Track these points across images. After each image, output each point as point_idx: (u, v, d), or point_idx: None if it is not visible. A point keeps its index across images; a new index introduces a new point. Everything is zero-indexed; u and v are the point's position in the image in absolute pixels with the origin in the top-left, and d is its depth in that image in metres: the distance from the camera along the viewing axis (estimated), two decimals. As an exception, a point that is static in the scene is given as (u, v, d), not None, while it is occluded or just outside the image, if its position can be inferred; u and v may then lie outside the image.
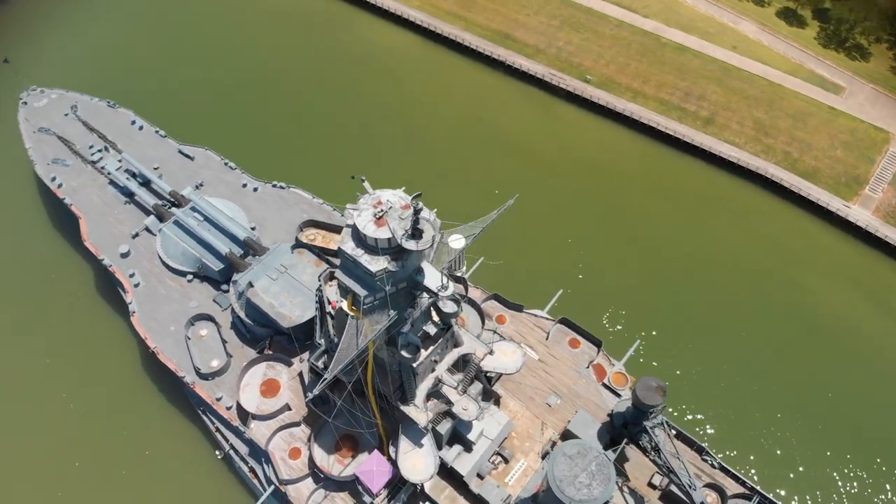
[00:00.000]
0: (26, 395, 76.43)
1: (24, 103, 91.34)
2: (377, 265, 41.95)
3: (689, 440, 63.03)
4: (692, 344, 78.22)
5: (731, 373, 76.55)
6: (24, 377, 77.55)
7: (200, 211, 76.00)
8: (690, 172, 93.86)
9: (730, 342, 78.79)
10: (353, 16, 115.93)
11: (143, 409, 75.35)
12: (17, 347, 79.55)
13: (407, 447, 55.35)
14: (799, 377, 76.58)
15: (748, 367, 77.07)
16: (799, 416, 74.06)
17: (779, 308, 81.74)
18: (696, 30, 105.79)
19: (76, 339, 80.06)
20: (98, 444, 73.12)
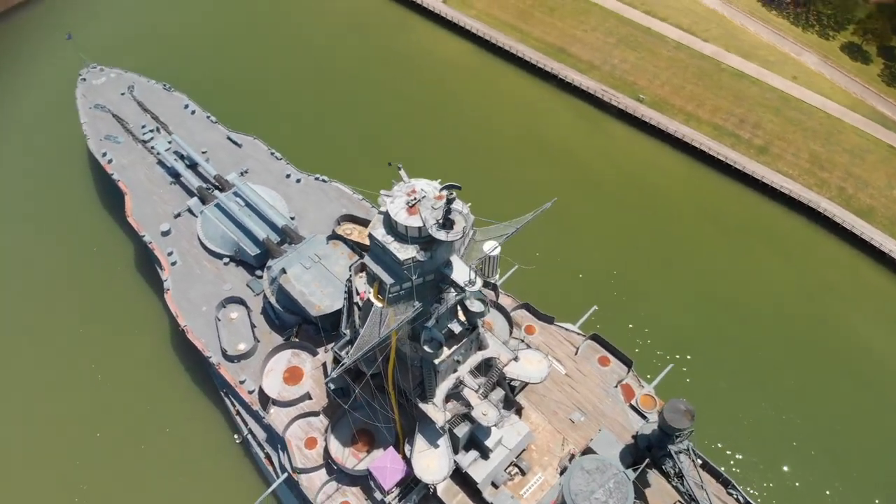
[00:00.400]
0: (56, 361, 77.99)
1: (83, 79, 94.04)
2: (405, 253, 41.43)
3: (715, 471, 60.60)
4: (727, 374, 75.67)
5: (766, 408, 73.75)
6: (56, 344, 79.20)
7: (243, 196, 76.80)
8: (739, 199, 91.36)
9: (767, 377, 75.96)
10: (411, 20, 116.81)
11: (167, 387, 76.11)
12: (53, 314, 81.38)
13: (422, 446, 54.40)
14: (837, 421, 73.30)
15: (784, 404, 74.14)
16: (834, 462, 70.78)
17: (821, 347, 78.58)
18: (757, 57, 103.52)
19: (110, 312, 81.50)
20: (120, 417, 74.02)
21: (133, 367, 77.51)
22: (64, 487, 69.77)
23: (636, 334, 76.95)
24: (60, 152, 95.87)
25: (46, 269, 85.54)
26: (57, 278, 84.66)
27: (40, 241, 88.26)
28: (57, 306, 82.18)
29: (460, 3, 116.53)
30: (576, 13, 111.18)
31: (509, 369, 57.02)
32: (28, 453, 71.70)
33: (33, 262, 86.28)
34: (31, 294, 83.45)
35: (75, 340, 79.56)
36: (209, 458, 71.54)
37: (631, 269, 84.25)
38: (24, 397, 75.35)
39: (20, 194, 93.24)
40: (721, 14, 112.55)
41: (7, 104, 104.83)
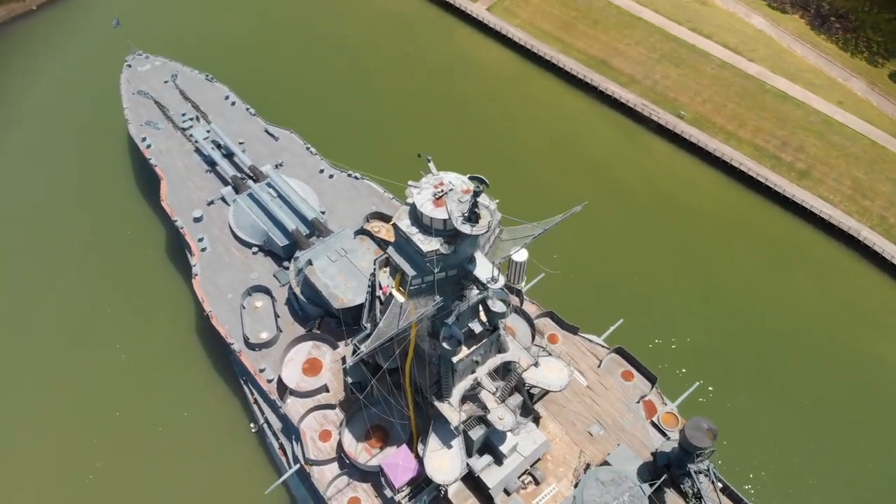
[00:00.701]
0: (83, 339, 79.19)
1: (128, 66, 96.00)
2: (429, 245, 41.05)
3: (735, 496, 58.73)
4: (753, 397, 73.76)
5: (792, 435, 71.56)
6: (84, 323, 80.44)
7: (275, 187, 77.38)
8: (775, 222, 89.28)
9: (795, 402, 73.83)
10: (454, 26, 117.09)
11: (188, 372, 76.71)
12: (84, 293, 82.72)
13: (435, 446, 53.76)
14: (866, 453, 70.80)
15: (811, 431, 71.92)
16: (860, 493, 68.34)
17: (853, 375, 76.11)
18: (802, 80, 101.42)
19: (139, 295, 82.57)
20: (140, 398, 74.74)
21: (157, 349, 78.30)
22: (79, 463, 70.54)
23: (662, 351, 75.40)
24: (102, 135, 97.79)
25: (80, 249, 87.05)
26: (89, 258, 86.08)
27: (76, 221, 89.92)
28: (87, 285, 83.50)
29: (504, 11, 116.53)
30: (620, 27, 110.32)
31: (529, 375, 56.16)
32: (47, 427, 72.73)
33: (68, 241, 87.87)
34: (63, 272, 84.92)
35: (103, 320, 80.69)
36: (224, 444, 71.74)
37: (660, 285, 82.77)
38: (49, 373, 76.54)
39: (60, 174, 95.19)
40: (769, 35, 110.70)
41: (54, 85, 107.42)
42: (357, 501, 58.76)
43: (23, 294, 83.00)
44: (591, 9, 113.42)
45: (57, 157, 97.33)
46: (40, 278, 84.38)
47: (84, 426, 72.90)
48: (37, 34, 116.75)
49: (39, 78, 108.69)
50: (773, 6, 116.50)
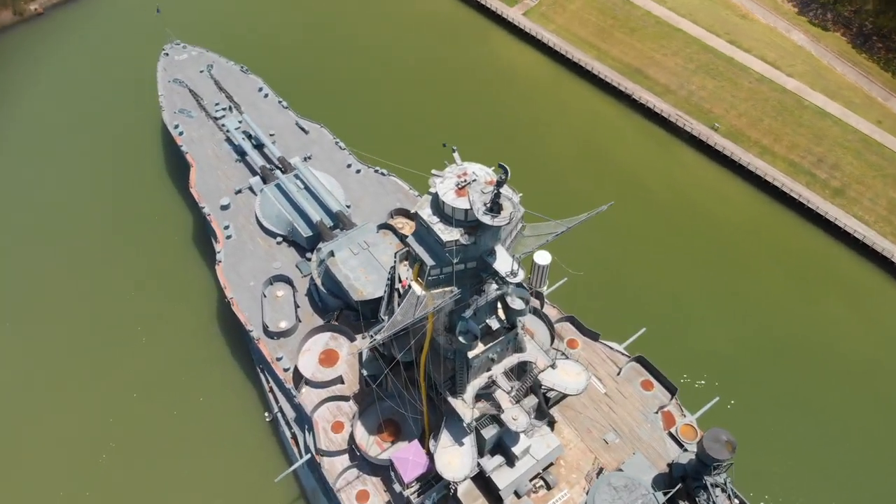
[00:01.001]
0: (105, 320, 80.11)
1: (165, 54, 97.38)
2: (449, 235, 40.69)
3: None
4: (777, 415, 71.98)
5: (814, 455, 69.66)
6: (107, 305, 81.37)
7: (302, 179, 77.71)
8: (806, 238, 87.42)
9: (820, 423, 71.87)
10: (488, 29, 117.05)
11: (206, 357, 77.10)
12: (108, 276, 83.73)
13: (447, 442, 53.15)
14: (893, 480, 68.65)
15: (834, 453, 69.93)
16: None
17: (882, 399, 73.91)
18: (841, 97, 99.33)
19: (162, 280, 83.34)
20: (157, 381, 75.25)
21: (177, 334, 78.86)
22: (94, 442, 71.18)
23: (683, 363, 73.75)
24: (136, 122, 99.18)
25: (107, 231, 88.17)
26: (116, 241, 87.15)
27: (105, 204, 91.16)
28: (113, 268, 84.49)
29: (540, 16, 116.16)
30: (657, 36, 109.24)
31: (545, 377, 55.35)
32: (64, 406, 73.44)
33: (96, 224, 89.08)
34: (89, 253, 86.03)
35: (126, 303, 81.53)
36: (237, 432, 71.86)
37: (685, 297, 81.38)
38: (69, 352, 77.41)
39: (94, 157, 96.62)
40: (808, 51, 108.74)
41: (94, 71, 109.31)
42: (366, 495, 58.38)
43: (50, 273, 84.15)
44: (630, 18, 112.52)
45: (92, 141, 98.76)
46: (68, 259, 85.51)
47: (101, 406, 73.56)
48: (80, 21, 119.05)
49: (81, 63, 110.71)
50: (815, 23, 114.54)
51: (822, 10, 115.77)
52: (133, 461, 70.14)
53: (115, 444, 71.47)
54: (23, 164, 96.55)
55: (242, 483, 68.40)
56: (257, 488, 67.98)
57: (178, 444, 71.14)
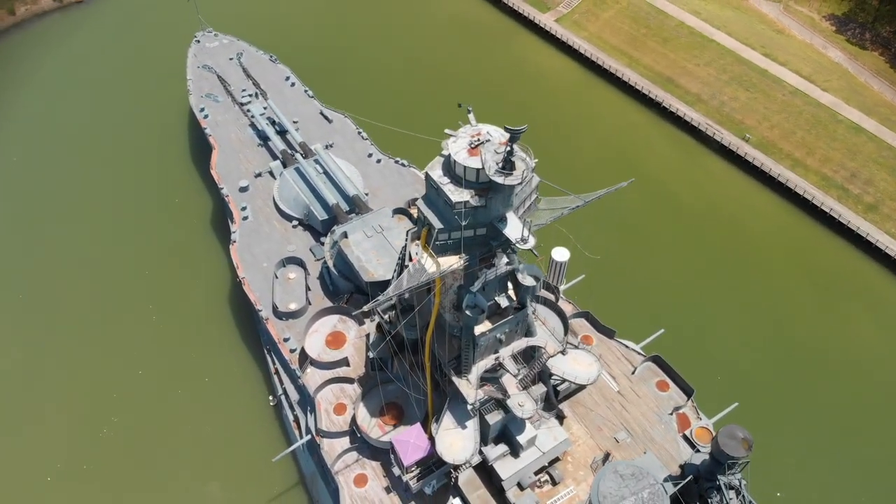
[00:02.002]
0: (116, 297, 79.87)
1: (196, 41, 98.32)
2: (459, 196, 39.34)
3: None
4: (795, 425, 69.15)
5: (832, 468, 66.46)
6: (121, 283, 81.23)
7: (322, 164, 77.18)
8: (835, 252, 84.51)
9: (841, 438, 68.66)
10: (518, 33, 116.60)
11: (215, 339, 76.29)
12: (125, 255, 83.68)
13: (449, 424, 51.35)
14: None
15: (851, 467, 66.72)
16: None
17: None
18: (877, 114, 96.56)
19: (177, 261, 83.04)
20: (164, 359, 74.59)
21: (187, 314, 78.27)
22: (96, 417, 70.52)
23: (701, 368, 70.87)
24: (164, 105, 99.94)
25: (127, 213, 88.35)
26: (135, 221, 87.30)
27: (127, 186, 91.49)
28: (130, 247, 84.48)
29: (573, 24, 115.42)
30: (690, 47, 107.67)
31: (555, 365, 53.40)
32: (68, 378, 73.00)
33: (118, 203, 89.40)
34: (108, 232, 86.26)
35: (140, 282, 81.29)
36: (240, 414, 70.68)
37: (707, 303, 78.95)
38: (79, 327, 77.17)
39: (120, 140, 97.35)
40: (845, 68, 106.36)
41: (126, 56, 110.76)
42: (364, 479, 56.60)
43: (68, 249, 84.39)
44: (663, 27, 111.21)
45: (120, 124, 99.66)
46: (88, 236, 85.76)
47: (106, 381, 72.97)
48: (117, 9, 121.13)
49: (115, 50, 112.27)
50: (852, 42, 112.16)
51: (860, 29, 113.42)
52: (133, 437, 69.24)
53: (118, 418, 70.68)
54: (55, 141, 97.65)
55: (242, 465, 67.03)
56: (257, 471, 66.55)
57: (179, 424, 70.12)
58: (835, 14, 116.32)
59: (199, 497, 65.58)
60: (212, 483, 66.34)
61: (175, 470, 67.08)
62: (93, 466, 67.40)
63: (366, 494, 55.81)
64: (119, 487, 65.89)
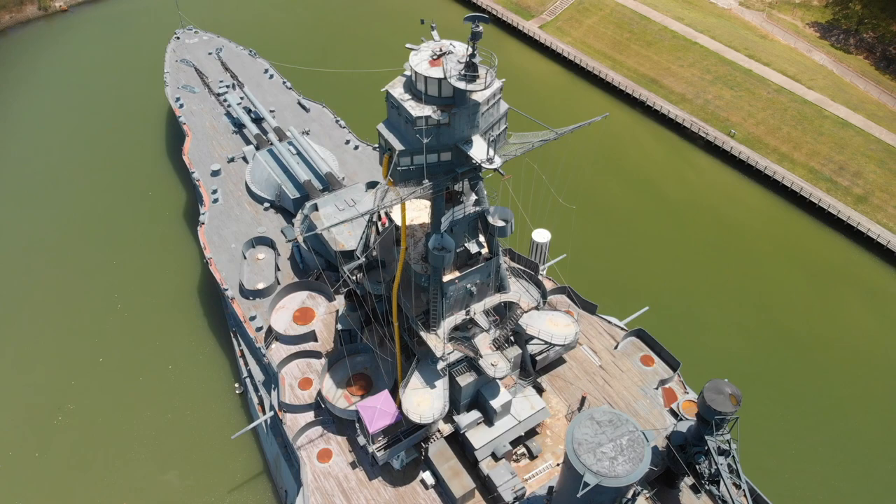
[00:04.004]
0: (81, 285, 76.82)
1: (176, 38, 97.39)
2: (421, 111, 36.90)
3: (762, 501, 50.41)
4: (784, 409, 65.99)
5: (818, 449, 63.14)
6: (87, 273, 78.23)
7: (296, 145, 75.14)
8: (825, 243, 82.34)
9: (829, 421, 65.51)
10: (501, 38, 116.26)
11: (181, 327, 72.97)
12: (93, 245, 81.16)
13: (417, 384, 47.93)
14: None
15: (842, 452, 63.31)
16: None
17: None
18: (864, 110, 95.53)
19: (147, 252, 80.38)
20: (127, 347, 71.18)
21: (154, 304, 75.05)
22: (52, 404, 66.65)
23: (688, 344, 67.36)
24: (143, 104, 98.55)
25: (99, 204, 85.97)
26: (106, 213, 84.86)
27: (102, 179, 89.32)
28: (97, 237, 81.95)
29: (557, 30, 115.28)
30: (674, 49, 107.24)
31: (530, 324, 50.39)
32: (24, 367, 69.37)
33: (89, 196, 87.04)
34: (79, 224, 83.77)
35: (105, 271, 78.29)
36: (204, 402, 66.90)
37: (694, 285, 76.54)
38: (41, 315, 73.97)
39: (98, 136, 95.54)
40: (829, 69, 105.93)
41: (109, 59, 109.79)
42: (328, 453, 52.68)
43: (35, 241, 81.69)
44: (646, 32, 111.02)
45: (98, 121, 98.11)
46: (54, 227, 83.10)
47: (64, 368, 69.35)
48: (102, 17, 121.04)
49: (97, 54, 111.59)
50: (837, 46, 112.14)
51: (844, 34, 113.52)
52: (88, 424, 65.31)
53: (74, 406, 66.74)
54: (33, 137, 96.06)
55: (203, 454, 63.03)
56: (219, 460, 62.65)
57: (139, 412, 66.28)
58: (818, 21, 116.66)
59: (155, 486, 61.30)
60: (170, 472, 62.11)
61: (132, 459, 62.96)
62: (45, 455, 63.18)
63: (329, 470, 51.83)
64: (71, 476, 61.61)
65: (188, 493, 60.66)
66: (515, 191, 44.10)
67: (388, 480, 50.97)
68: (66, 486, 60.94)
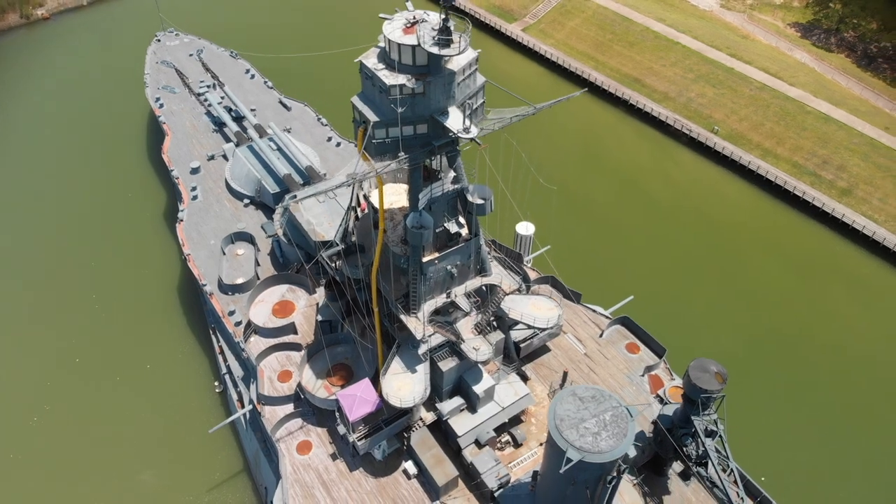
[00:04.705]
0: (59, 288, 75.45)
1: (157, 40, 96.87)
2: (395, 80, 36.26)
3: (751, 486, 49.43)
4: (770, 399, 65.38)
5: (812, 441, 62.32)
6: (66, 273, 76.91)
7: (276, 141, 74.38)
8: (810, 235, 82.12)
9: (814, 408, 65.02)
10: (483, 42, 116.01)
11: (160, 327, 71.67)
12: (71, 247, 80.00)
13: (398, 369, 46.89)
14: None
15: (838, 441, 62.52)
16: None
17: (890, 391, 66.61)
18: (846, 105, 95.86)
19: (126, 253, 79.22)
20: (104, 348, 69.72)
21: (132, 304, 73.68)
22: (27, 405, 64.90)
23: (673, 332, 65.96)
24: (125, 109, 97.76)
25: (78, 207, 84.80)
26: (85, 214, 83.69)
27: (82, 182, 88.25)
28: (75, 239, 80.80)
29: (540, 32, 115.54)
30: (656, 49, 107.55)
31: (513, 308, 49.60)
32: (1, 365, 67.69)
33: (69, 199, 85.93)
34: (52, 225, 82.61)
35: (84, 272, 76.98)
36: (183, 401, 65.40)
37: (679, 277, 76.13)
38: (17, 314, 72.45)
39: (79, 142, 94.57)
40: (811, 67, 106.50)
41: (91, 67, 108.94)
42: (308, 445, 51.42)
43: (16, 243, 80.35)
44: (629, 33, 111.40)
45: (80, 127, 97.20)
46: (33, 231, 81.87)
47: (40, 369, 67.63)
48: (84, 26, 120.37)
49: (79, 61, 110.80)
50: (818, 45, 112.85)
51: (825, 34, 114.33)
52: (65, 425, 63.61)
53: (50, 406, 65.09)
54: (13, 144, 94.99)
55: (182, 453, 61.41)
56: (199, 459, 61.08)
57: (116, 411, 64.71)
58: (799, 22, 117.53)
59: (132, 486, 59.63)
60: (147, 472, 60.45)
61: (109, 460, 61.27)
62: (21, 455, 61.46)
63: (309, 462, 50.53)
64: (46, 478, 59.87)
65: (166, 493, 59.06)
66: (495, 166, 43.43)
67: (370, 471, 49.72)
68: (41, 488, 59.18)
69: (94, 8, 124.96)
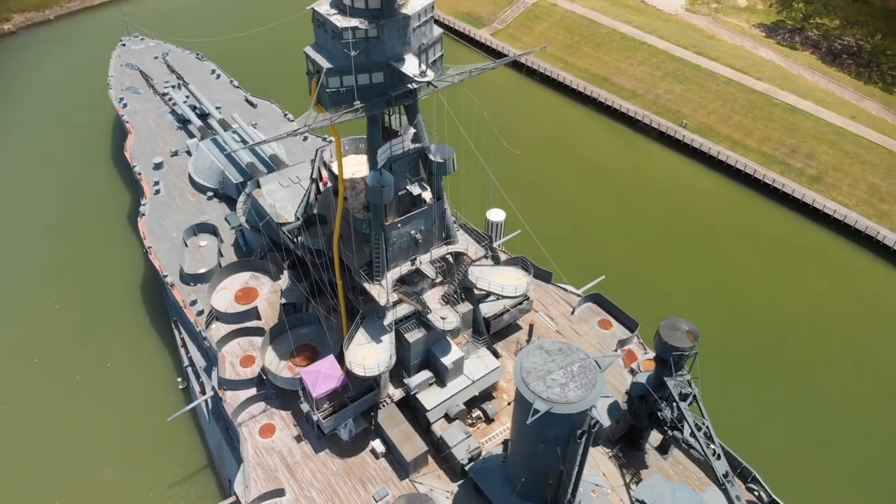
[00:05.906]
0: (19, 287, 72.94)
1: (122, 45, 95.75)
2: (347, 23, 35.30)
3: (735, 461, 47.87)
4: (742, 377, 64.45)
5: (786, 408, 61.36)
6: (24, 274, 74.47)
7: (240, 133, 73.17)
8: (782, 222, 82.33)
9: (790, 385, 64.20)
10: (453, 47, 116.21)
11: (122, 325, 69.43)
12: (31, 249, 77.66)
13: (362, 339, 45.26)
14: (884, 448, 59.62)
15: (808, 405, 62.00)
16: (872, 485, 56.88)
17: (866, 374, 65.97)
18: (812, 97, 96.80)
19: (88, 254, 77.13)
20: (63, 347, 67.23)
21: (93, 304, 71.33)
22: (-19, 405, 62.15)
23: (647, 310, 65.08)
24: (91, 115, 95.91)
25: (39, 210, 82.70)
26: (49, 217, 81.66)
27: (46, 186, 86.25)
28: (35, 241, 78.60)
29: (509, 37, 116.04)
30: (623, 49, 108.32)
31: (480, 277, 48.27)
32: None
33: (30, 202, 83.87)
34: (12, 228, 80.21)
35: (43, 273, 74.54)
36: (145, 398, 62.89)
37: (649, 260, 75.84)
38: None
39: (44, 149, 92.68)
40: (777, 63, 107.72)
41: (55, 72, 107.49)
42: (271, 428, 49.38)
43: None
44: (596, 34, 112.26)
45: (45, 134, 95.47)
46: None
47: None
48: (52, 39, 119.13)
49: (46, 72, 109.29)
50: (783, 44, 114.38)
51: (790, 33, 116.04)
52: (22, 426, 60.84)
53: (6, 407, 62.31)
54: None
55: (143, 450, 58.80)
56: (160, 456, 58.48)
57: (74, 410, 62.05)
58: (763, 23, 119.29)
59: (91, 484, 56.85)
60: (106, 469, 57.75)
61: (67, 459, 58.54)
62: (-29, 457, 58.56)
63: (272, 445, 48.43)
64: (3, 479, 56.94)
65: (126, 490, 56.45)
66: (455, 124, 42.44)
67: (336, 452, 47.73)
68: (-5, 490, 56.36)
69: (61, 22, 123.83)
